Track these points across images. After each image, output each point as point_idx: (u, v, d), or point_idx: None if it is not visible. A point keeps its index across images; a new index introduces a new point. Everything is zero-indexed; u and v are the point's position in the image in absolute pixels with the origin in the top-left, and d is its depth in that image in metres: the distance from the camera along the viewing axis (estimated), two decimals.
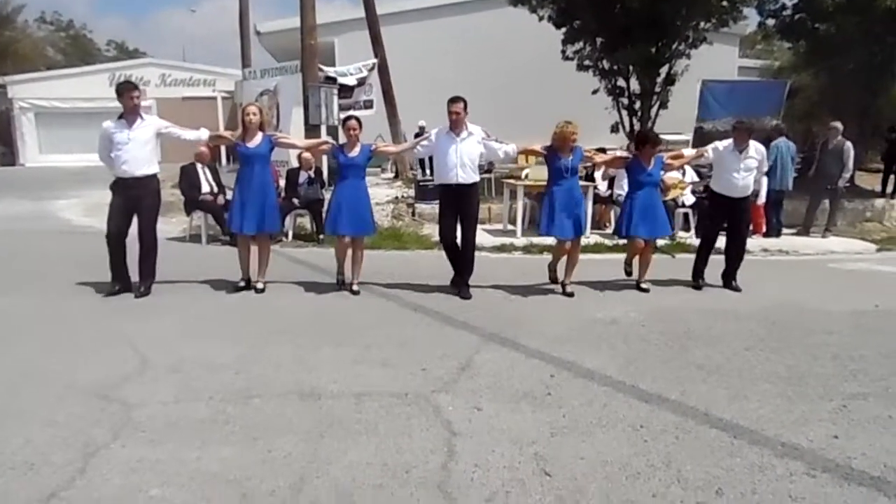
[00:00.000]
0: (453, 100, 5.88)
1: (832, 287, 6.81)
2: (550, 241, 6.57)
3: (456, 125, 5.88)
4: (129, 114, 5.72)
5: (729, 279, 6.49)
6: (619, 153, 7.06)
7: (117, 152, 5.67)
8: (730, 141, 6.37)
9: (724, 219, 6.54)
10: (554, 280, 6.37)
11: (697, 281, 6.52)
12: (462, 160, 5.84)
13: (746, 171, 6.26)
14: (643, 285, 6.36)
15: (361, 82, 14.69)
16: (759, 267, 7.74)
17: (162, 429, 3.27)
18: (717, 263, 6.58)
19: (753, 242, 8.83)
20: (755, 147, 6.38)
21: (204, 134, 6.14)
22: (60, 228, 10.22)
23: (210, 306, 5.68)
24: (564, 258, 6.21)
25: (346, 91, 13.74)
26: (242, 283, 6.08)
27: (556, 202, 5.96)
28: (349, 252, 6.13)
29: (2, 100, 25.13)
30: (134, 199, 5.78)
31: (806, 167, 11.16)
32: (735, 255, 6.47)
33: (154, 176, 5.89)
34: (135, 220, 5.87)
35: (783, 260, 8.38)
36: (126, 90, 5.69)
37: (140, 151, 5.72)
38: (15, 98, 24.84)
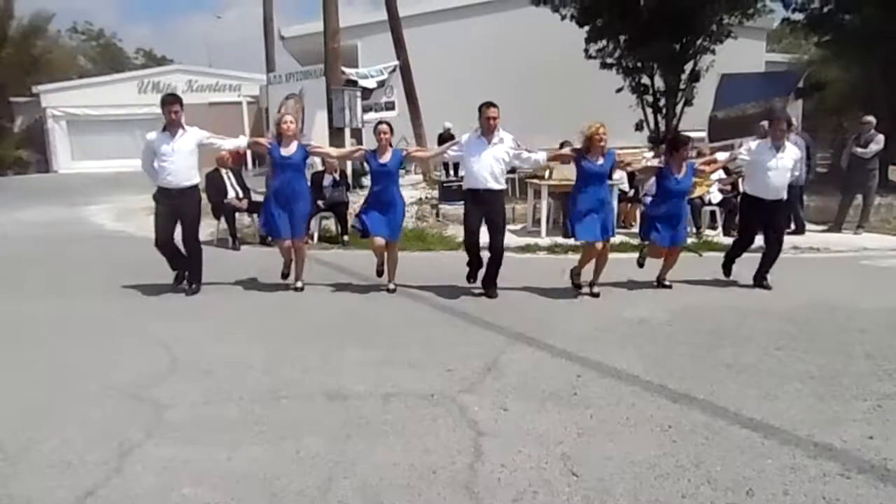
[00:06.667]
0: (488, 105, 5.80)
1: (865, 284, 6.65)
2: (575, 241, 6.51)
3: (490, 130, 5.84)
4: (172, 126, 5.86)
5: (760, 278, 6.32)
6: (650, 162, 6.93)
7: (162, 163, 5.84)
8: (762, 140, 6.19)
9: (760, 223, 6.29)
10: (577, 286, 6.17)
11: (726, 273, 6.48)
12: (492, 167, 5.81)
13: (783, 171, 6.03)
14: (665, 282, 6.32)
15: (381, 84, 14.75)
16: (790, 264, 7.59)
17: (193, 429, 3.33)
18: (746, 262, 6.49)
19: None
20: (791, 149, 6.17)
21: (242, 141, 6.42)
22: (93, 233, 10.45)
23: (239, 308, 5.76)
24: (591, 262, 6.05)
25: (364, 93, 13.81)
26: (286, 272, 6.35)
27: (585, 205, 5.80)
28: (384, 254, 6.17)
29: (35, 109, 25.78)
30: (177, 207, 5.98)
31: (836, 162, 10.94)
32: (770, 258, 6.28)
33: (196, 186, 6.09)
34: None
35: (815, 257, 8.21)
36: (167, 104, 5.85)
37: (184, 162, 5.89)
38: (48, 107, 25.46)
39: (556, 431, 3.27)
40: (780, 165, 6.03)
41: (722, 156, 6.65)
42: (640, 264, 6.45)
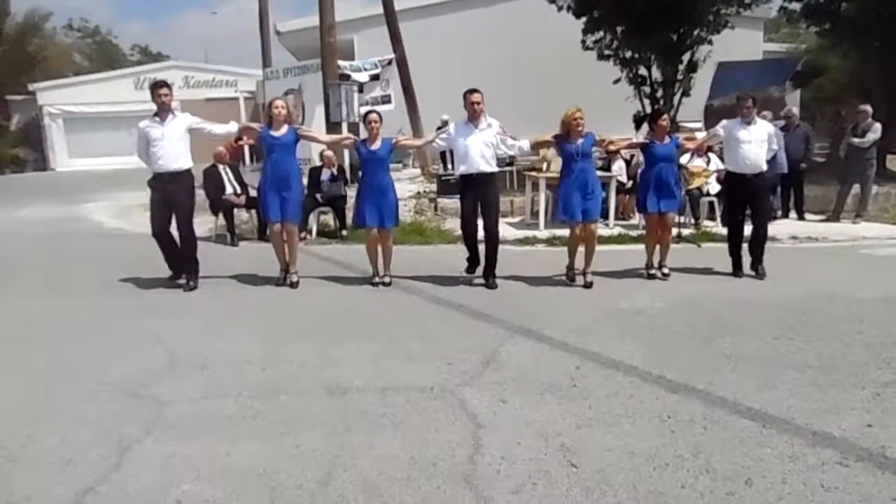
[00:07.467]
0: (472, 91, 5.99)
1: (863, 274, 6.65)
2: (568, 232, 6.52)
3: (475, 116, 5.99)
4: (161, 111, 5.95)
5: (754, 265, 6.39)
6: (634, 139, 7.03)
7: (153, 148, 5.91)
8: (737, 118, 6.34)
9: (742, 200, 6.40)
10: (570, 279, 6.25)
11: (737, 272, 6.41)
12: (482, 150, 5.94)
13: (757, 143, 6.18)
14: (664, 270, 6.35)
15: (375, 78, 14.67)
16: (788, 254, 7.61)
17: (192, 425, 3.33)
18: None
19: (782, 229, 8.69)
20: (763, 123, 6.38)
21: (233, 127, 6.41)
22: (91, 230, 10.43)
23: (236, 304, 5.76)
24: (581, 249, 6.12)
25: (357, 87, 13.75)
26: (282, 276, 6.29)
27: (568, 186, 5.97)
28: (379, 247, 6.17)
29: (32, 106, 25.70)
30: (170, 193, 6.00)
31: (834, 151, 10.93)
32: (756, 238, 6.37)
33: (188, 171, 6.09)
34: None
35: (813, 247, 8.22)
36: (155, 88, 5.97)
37: (174, 146, 5.94)
38: (44, 104, 25.38)
39: (556, 423, 3.27)
40: (753, 138, 6.19)
41: (702, 134, 6.82)
42: (649, 266, 6.47)
